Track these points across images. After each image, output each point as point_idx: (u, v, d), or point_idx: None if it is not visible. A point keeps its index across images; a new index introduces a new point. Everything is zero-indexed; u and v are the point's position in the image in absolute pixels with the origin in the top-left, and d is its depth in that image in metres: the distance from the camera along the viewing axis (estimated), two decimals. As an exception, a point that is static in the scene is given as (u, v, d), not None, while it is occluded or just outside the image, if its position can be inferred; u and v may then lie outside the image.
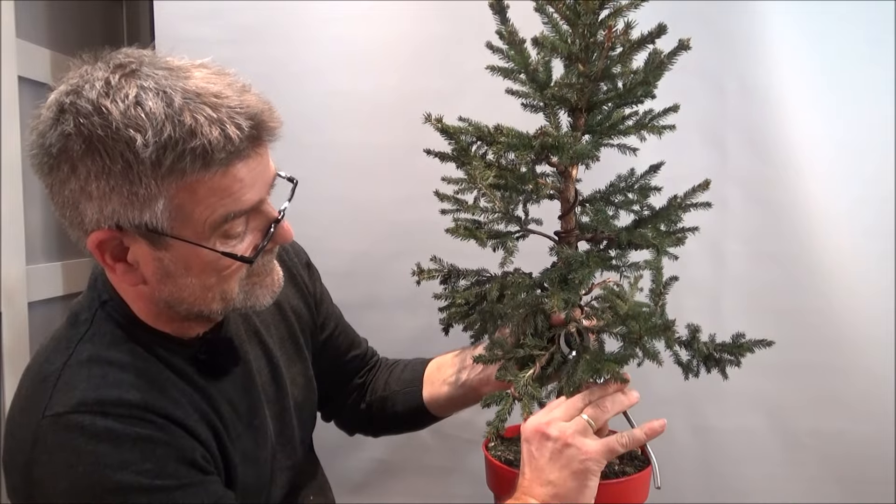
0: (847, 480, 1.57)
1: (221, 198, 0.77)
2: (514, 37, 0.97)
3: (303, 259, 1.18)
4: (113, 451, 0.75)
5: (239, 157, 0.76)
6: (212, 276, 0.82)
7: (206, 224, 0.78)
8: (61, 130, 0.74)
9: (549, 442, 0.86)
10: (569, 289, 0.96)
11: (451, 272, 1.12)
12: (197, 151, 0.73)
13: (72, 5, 1.57)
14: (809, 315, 1.55)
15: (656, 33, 0.91)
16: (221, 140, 0.73)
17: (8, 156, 1.30)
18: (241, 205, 0.79)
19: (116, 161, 0.72)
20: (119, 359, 0.82)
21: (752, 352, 1.00)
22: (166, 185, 0.74)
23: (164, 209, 0.75)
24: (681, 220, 1.04)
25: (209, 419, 0.87)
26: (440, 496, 1.65)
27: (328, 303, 1.22)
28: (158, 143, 0.72)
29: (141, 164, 0.72)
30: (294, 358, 1.09)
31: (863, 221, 1.53)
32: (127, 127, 0.72)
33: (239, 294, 0.86)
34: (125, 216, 0.76)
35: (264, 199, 0.83)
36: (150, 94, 0.73)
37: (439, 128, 0.98)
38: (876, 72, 1.51)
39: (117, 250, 0.80)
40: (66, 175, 0.75)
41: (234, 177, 0.77)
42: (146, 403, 0.79)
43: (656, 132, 1.02)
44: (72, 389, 0.78)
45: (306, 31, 1.57)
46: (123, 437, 0.76)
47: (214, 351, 0.92)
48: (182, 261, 0.80)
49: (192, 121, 0.73)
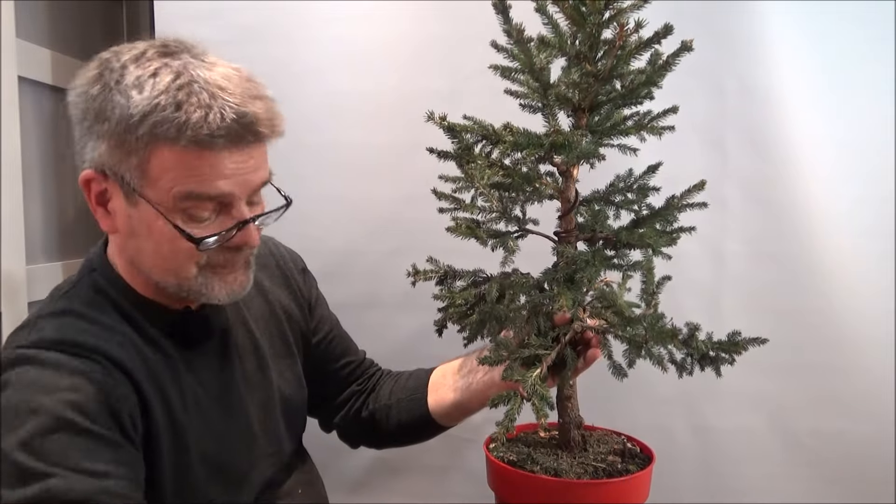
0: (847, 480, 1.57)
1: (189, 175, 0.83)
2: (521, 35, 0.97)
3: (299, 265, 1.21)
4: (49, 376, 0.80)
5: (214, 146, 0.82)
6: (166, 247, 0.87)
7: (169, 194, 0.84)
8: (90, 77, 0.86)
9: None
10: (575, 288, 0.96)
11: (448, 273, 1.12)
12: (174, 122, 0.80)
13: (72, 5, 1.57)
14: (809, 315, 1.56)
15: (663, 33, 0.91)
16: (200, 122, 0.80)
17: (8, 156, 1.29)
18: (207, 189, 0.84)
19: (115, 110, 0.82)
20: (89, 314, 0.89)
21: (746, 349, 1.00)
22: (142, 144, 0.82)
23: (137, 167, 0.83)
24: (677, 220, 1.04)
25: (161, 385, 0.90)
26: (440, 496, 1.65)
27: (323, 308, 1.24)
28: (148, 106, 0.81)
29: (130, 120, 0.81)
30: (282, 353, 1.11)
31: (863, 221, 1.54)
32: (134, 87, 0.82)
33: (197, 278, 0.90)
34: (109, 163, 0.85)
35: (238, 196, 0.87)
36: (167, 71, 0.83)
37: (444, 126, 0.98)
38: (876, 71, 1.52)
39: (100, 195, 0.89)
40: (81, 115, 0.86)
41: (207, 161, 0.83)
42: (98, 346, 0.85)
43: (656, 133, 1.02)
44: (39, 332, 0.86)
45: (307, 31, 1.57)
46: (64, 367, 0.81)
47: (192, 323, 0.96)
48: (145, 223, 0.86)
49: (185, 98, 0.81)
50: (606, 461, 1.02)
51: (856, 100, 1.53)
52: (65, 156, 1.54)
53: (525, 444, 1.09)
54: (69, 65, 1.52)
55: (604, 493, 0.94)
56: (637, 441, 1.10)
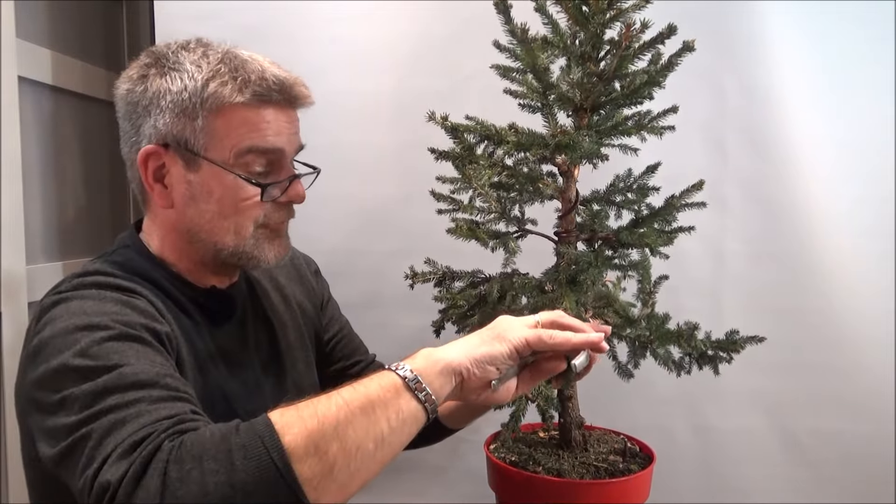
0: (847, 480, 1.57)
1: (250, 130, 0.92)
2: (525, 35, 0.97)
3: (312, 267, 1.27)
4: (95, 304, 0.84)
5: (271, 102, 0.92)
6: (230, 204, 0.93)
7: (232, 151, 0.91)
8: (144, 64, 0.94)
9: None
10: (578, 289, 0.96)
11: (446, 274, 1.12)
12: (238, 80, 0.90)
13: (72, 5, 1.57)
14: (809, 315, 1.56)
15: (667, 33, 0.92)
16: (259, 79, 0.91)
17: (8, 156, 1.29)
18: (265, 142, 0.93)
19: (177, 84, 0.91)
20: (120, 274, 0.92)
21: (743, 348, 1.00)
22: (207, 106, 0.90)
23: (202, 129, 0.91)
24: (676, 220, 1.04)
25: (190, 338, 0.94)
26: (440, 496, 1.65)
27: (335, 309, 1.27)
28: (210, 72, 0.91)
29: (195, 87, 0.90)
30: (297, 345, 1.13)
31: (863, 221, 1.54)
32: (192, 63, 0.92)
33: (251, 238, 0.96)
34: (172, 132, 0.91)
35: (287, 152, 0.96)
36: (214, 52, 0.93)
37: (446, 126, 0.98)
38: (876, 71, 1.52)
39: (157, 171, 0.94)
40: (139, 97, 0.93)
41: (264, 117, 0.92)
42: (134, 288, 0.89)
43: (657, 133, 1.02)
44: (74, 279, 0.90)
45: (307, 31, 1.57)
46: (107, 297, 0.86)
47: (216, 300, 1.01)
48: (206, 185, 0.93)
49: (240, 65, 0.92)
50: (608, 461, 1.02)
51: (856, 100, 1.53)
52: (65, 156, 1.54)
53: (526, 445, 1.09)
54: (69, 65, 1.52)
55: (606, 492, 0.94)
56: (637, 440, 1.10)
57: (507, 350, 0.80)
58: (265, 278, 1.14)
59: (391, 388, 0.73)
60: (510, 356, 0.80)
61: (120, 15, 1.77)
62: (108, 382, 0.74)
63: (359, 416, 0.70)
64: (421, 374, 0.75)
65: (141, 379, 0.75)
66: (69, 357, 0.77)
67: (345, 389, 0.73)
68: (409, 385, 0.74)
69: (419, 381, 0.75)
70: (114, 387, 0.74)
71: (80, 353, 0.77)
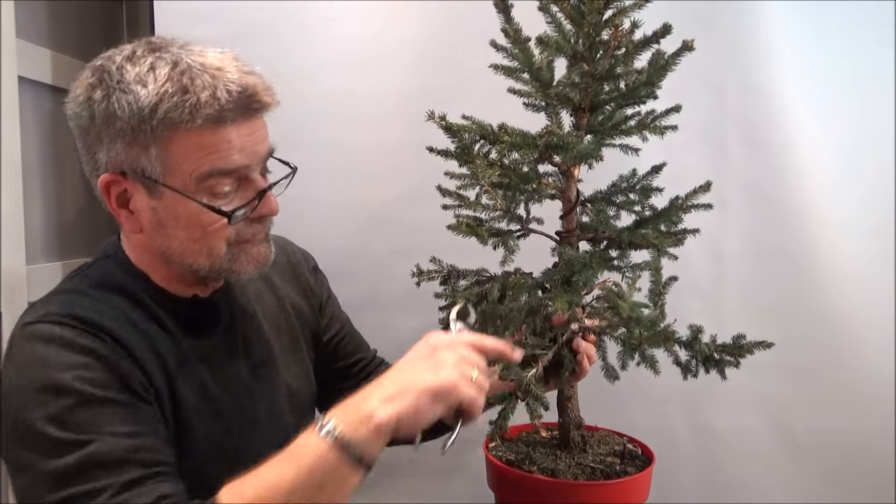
0: (847, 480, 1.57)
1: (208, 153, 0.86)
2: (518, 35, 0.97)
3: (310, 264, 1.23)
4: (59, 353, 0.82)
5: (227, 120, 0.85)
6: (197, 229, 0.89)
7: (192, 177, 0.86)
8: (88, 84, 0.88)
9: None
10: (572, 290, 0.96)
11: (451, 273, 1.12)
12: (187, 105, 0.83)
13: (72, 5, 1.57)
14: (809, 315, 1.56)
15: (661, 33, 0.92)
16: (210, 99, 0.84)
17: (8, 156, 1.29)
18: (226, 163, 0.87)
19: (124, 110, 0.84)
20: (95, 294, 0.90)
21: (751, 353, 1.00)
22: (159, 133, 0.84)
23: (157, 157, 0.86)
24: (681, 221, 1.04)
25: (166, 363, 0.91)
26: (440, 496, 1.65)
27: (334, 306, 1.25)
28: (157, 96, 0.83)
29: (142, 114, 0.84)
30: (290, 348, 1.11)
31: (863, 221, 1.54)
32: (137, 83, 0.84)
33: (226, 255, 0.92)
34: (126, 161, 0.87)
35: (252, 167, 0.90)
36: (163, 63, 0.85)
37: (443, 125, 0.98)
38: (876, 71, 1.52)
39: (121, 197, 0.91)
40: (88, 123, 0.87)
41: (223, 137, 0.86)
42: (101, 324, 0.86)
43: (658, 132, 1.02)
44: (46, 307, 0.87)
45: (307, 31, 1.57)
46: (72, 344, 0.83)
47: (199, 309, 0.98)
48: (172, 211, 0.89)
49: (189, 82, 0.84)
50: (605, 462, 1.02)
51: (856, 100, 1.53)
52: (65, 156, 1.54)
53: (525, 444, 1.09)
54: (69, 65, 1.52)
55: (600, 494, 0.94)
56: (639, 443, 1.10)
57: (440, 412, 0.80)
58: (258, 278, 1.11)
59: (336, 469, 0.77)
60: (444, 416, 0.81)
61: (120, 15, 1.77)
62: (80, 462, 0.76)
63: (308, 501, 0.76)
64: (355, 441, 0.77)
65: (111, 458, 0.77)
66: (39, 420, 0.78)
67: (290, 475, 0.76)
68: (352, 463, 0.77)
69: (362, 457, 0.77)
70: (84, 468, 0.76)
71: (51, 420, 0.78)
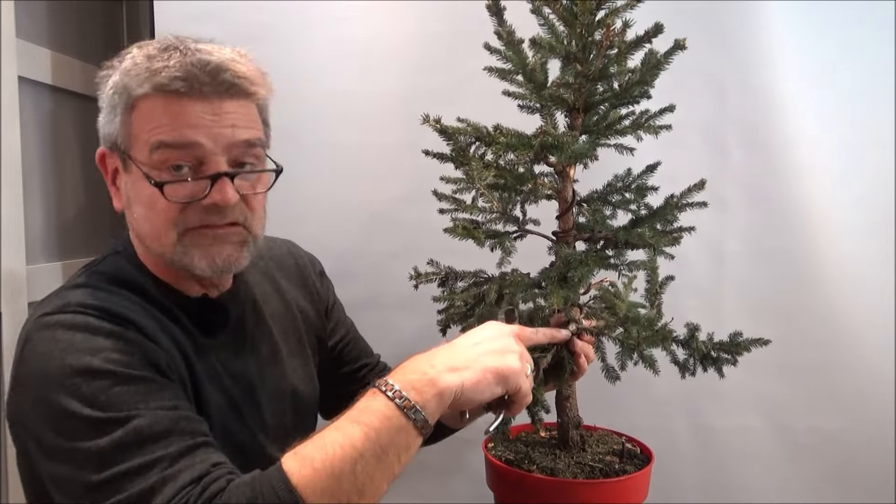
0: (846, 480, 1.57)
1: (158, 123, 0.85)
2: (511, 37, 0.97)
3: (317, 268, 1.23)
4: (87, 338, 0.80)
5: (177, 90, 0.84)
6: (147, 207, 0.88)
7: (147, 147, 0.85)
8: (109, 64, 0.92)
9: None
10: (568, 287, 0.96)
11: (449, 274, 1.12)
12: (142, 73, 0.85)
13: (72, 5, 1.57)
14: (809, 315, 1.56)
15: (653, 33, 0.92)
16: (161, 69, 0.84)
17: (8, 156, 1.29)
18: (174, 137, 0.85)
19: (112, 77, 0.88)
20: (108, 288, 0.89)
21: (748, 350, 1.00)
22: (122, 101, 0.86)
23: (121, 126, 0.87)
24: (677, 220, 1.04)
25: (186, 353, 0.90)
26: (440, 496, 1.65)
27: (340, 312, 1.25)
28: (128, 66, 0.86)
29: (114, 82, 0.88)
30: (296, 352, 1.11)
31: (863, 221, 1.54)
32: (129, 57, 0.88)
33: (177, 246, 0.89)
34: (105, 131, 0.90)
35: (211, 149, 0.86)
36: (157, 45, 0.87)
37: (438, 128, 0.98)
38: (876, 71, 1.52)
39: (114, 173, 0.92)
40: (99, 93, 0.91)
41: (177, 108, 0.85)
42: (122, 313, 0.84)
43: (652, 132, 1.02)
44: (63, 300, 0.85)
45: (307, 31, 1.57)
46: (98, 329, 0.81)
47: (208, 309, 0.97)
48: (133, 186, 0.89)
49: (156, 54, 0.86)
50: (604, 461, 1.02)
51: (856, 99, 1.53)
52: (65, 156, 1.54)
53: (524, 444, 1.09)
54: (69, 65, 1.52)
55: (599, 493, 0.94)
56: (638, 442, 1.10)
57: (499, 393, 0.82)
58: (266, 281, 1.11)
59: (402, 431, 0.76)
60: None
61: (120, 15, 1.77)
62: (125, 438, 0.74)
63: (374, 465, 0.73)
64: (421, 404, 0.76)
65: (156, 431, 0.75)
66: (75, 404, 0.76)
67: (357, 437, 0.74)
68: (417, 426, 0.76)
69: (427, 421, 0.77)
70: (130, 443, 0.74)
71: (87, 402, 0.76)
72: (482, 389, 0.80)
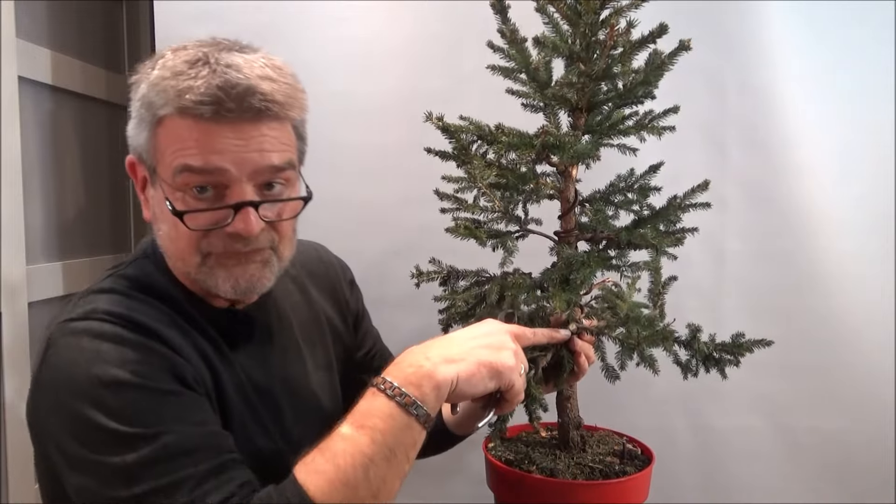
0: (847, 480, 1.57)
1: (183, 146, 0.81)
2: (515, 35, 0.97)
3: (347, 276, 1.21)
4: (114, 349, 0.79)
5: (203, 115, 0.79)
6: (172, 229, 0.85)
7: (171, 168, 0.82)
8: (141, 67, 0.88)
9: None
10: (570, 289, 0.96)
11: (451, 273, 1.12)
12: (170, 91, 0.80)
13: (72, 5, 1.57)
14: (809, 315, 1.56)
15: (657, 33, 0.92)
16: (187, 90, 0.79)
17: (8, 156, 1.29)
18: (198, 162, 0.81)
19: (141, 87, 0.85)
20: (135, 295, 0.87)
21: (751, 351, 1.00)
22: (148, 117, 0.83)
23: (147, 142, 0.84)
24: (680, 221, 1.04)
25: (212, 364, 0.89)
26: (440, 496, 1.65)
27: (368, 323, 1.24)
28: (156, 78, 0.82)
29: (142, 93, 0.84)
30: (322, 364, 1.09)
31: (863, 221, 1.54)
32: (161, 66, 0.83)
33: (201, 267, 0.87)
34: (134, 143, 0.87)
35: (236, 176, 0.82)
36: (190, 54, 0.82)
37: (440, 126, 0.98)
38: (876, 71, 1.52)
39: (142, 181, 0.90)
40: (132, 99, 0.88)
41: (203, 131, 0.80)
42: (149, 325, 0.83)
43: (656, 133, 1.02)
44: (90, 304, 0.84)
45: (307, 31, 1.57)
46: (126, 340, 0.80)
47: (234, 323, 0.95)
48: (159, 203, 0.86)
49: (185, 70, 0.81)
50: (604, 462, 1.02)
51: (856, 99, 1.53)
52: (65, 156, 1.54)
53: (525, 444, 1.09)
54: (69, 65, 1.52)
55: (598, 493, 0.94)
56: (639, 442, 1.10)
57: (492, 388, 0.83)
58: (297, 289, 1.09)
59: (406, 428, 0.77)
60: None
61: (120, 15, 1.77)
62: (154, 454, 0.74)
63: (385, 468, 0.75)
64: (421, 398, 0.78)
65: (185, 448, 0.75)
66: (100, 416, 0.75)
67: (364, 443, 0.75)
68: (420, 421, 0.78)
69: (429, 415, 0.78)
70: (158, 460, 0.74)
71: (113, 415, 0.75)
72: (476, 383, 0.81)
